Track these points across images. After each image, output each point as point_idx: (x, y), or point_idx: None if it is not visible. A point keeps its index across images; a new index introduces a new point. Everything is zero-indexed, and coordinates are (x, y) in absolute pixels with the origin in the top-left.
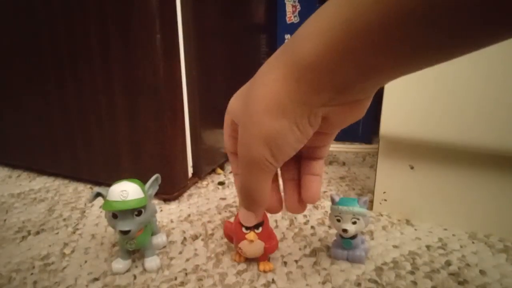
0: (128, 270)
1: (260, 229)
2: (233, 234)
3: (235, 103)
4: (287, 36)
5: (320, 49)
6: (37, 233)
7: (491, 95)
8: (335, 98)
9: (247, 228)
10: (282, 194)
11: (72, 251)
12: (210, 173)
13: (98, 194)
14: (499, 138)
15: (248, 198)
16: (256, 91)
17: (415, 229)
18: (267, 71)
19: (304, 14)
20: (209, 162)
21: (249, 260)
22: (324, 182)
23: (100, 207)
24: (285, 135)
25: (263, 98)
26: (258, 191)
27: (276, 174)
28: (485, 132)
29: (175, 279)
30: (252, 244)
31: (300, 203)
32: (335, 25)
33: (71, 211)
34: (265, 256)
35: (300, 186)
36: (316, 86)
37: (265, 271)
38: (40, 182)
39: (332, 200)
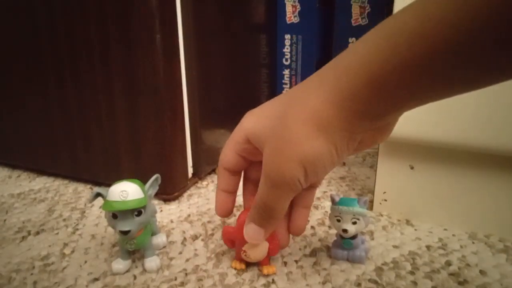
0: (128, 270)
1: None
2: (235, 237)
3: (256, 121)
4: (287, 36)
5: (359, 83)
6: (37, 233)
7: (491, 95)
8: (372, 124)
9: None
10: None
11: (72, 251)
12: (210, 173)
13: (98, 194)
14: (499, 138)
15: (266, 215)
16: (297, 113)
17: (415, 229)
18: (307, 95)
19: (304, 14)
20: (209, 162)
21: (249, 262)
22: (324, 182)
23: (100, 207)
24: (323, 157)
25: (306, 120)
26: (278, 209)
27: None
28: (485, 132)
29: (175, 279)
30: (258, 245)
31: (286, 236)
32: (374, 62)
33: (71, 211)
34: (268, 259)
35: (290, 218)
36: (358, 114)
37: (268, 274)
38: (40, 182)
39: (332, 200)
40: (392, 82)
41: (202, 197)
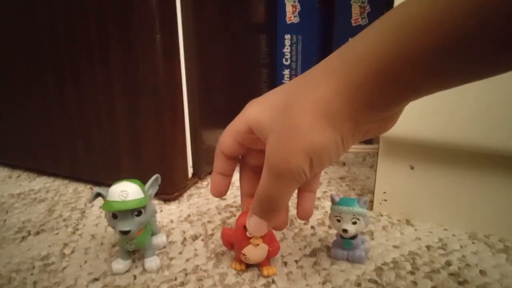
0: (128, 271)
1: None
2: (234, 240)
3: (260, 111)
4: (287, 36)
5: (367, 74)
6: (37, 233)
7: (491, 94)
8: (379, 115)
9: None
10: None
11: (72, 251)
12: (210, 173)
13: (98, 194)
14: (499, 138)
15: (269, 207)
16: (302, 103)
17: (415, 229)
18: (313, 85)
19: (304, 14)
20: (209, 162)
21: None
22: (324, 182)
23: (100, 207)
24: (329, 148)
25: (312, 110)
26: (282, 201)
27: None
28: (485, 132)
29: (175, 279)
30: (257, 248)
31: (286, 219)
32: (381, 53)
33: (71, 211)
34: (267, 260)
35: (297, 203)
36: (364, 105)
37: (269, 275)
38: (40, 183)
39: (332, 200)
40: (396, 74)
41: (202, 197)
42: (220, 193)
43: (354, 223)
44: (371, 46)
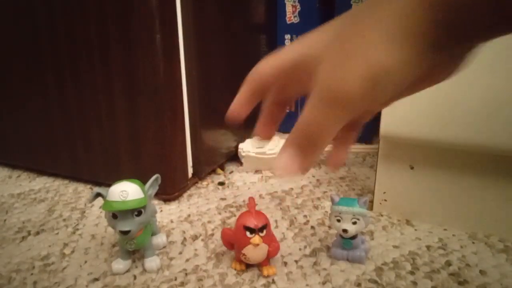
0: (128, 270)
1: (265, 232)
2: (234, 240)
3: (308, 41)
4: (287, 36)
5: None
6: (37, 233)
7: (491, 95)
8: (446, 51)
9: (251, 232)
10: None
11: (72, 252)
12: (210, 173)
13: (98, 194)
14: (499, 138)
15: (310, 138)
16: (365, 24)
17: (415, 229)
18: (377, 8)
19: (304, 14)
20: (209, 162)
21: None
22: (324, 182)
23: (100, 207)
24: (395, 69)
25: (375, 29)
26: (327, 133)
27: None
28: (485, 132)
29: (175, 279)
30: (257, 248)
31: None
32: None
33: (71, 212)
34: (267, 260)
35: (332, 149)
36: (437, 26)
37: (269, 275)
38: (40, 183)
39: (332, 200)
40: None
41: (202, 197)
42: (237, 116)
43: (354, 223)
44: None
